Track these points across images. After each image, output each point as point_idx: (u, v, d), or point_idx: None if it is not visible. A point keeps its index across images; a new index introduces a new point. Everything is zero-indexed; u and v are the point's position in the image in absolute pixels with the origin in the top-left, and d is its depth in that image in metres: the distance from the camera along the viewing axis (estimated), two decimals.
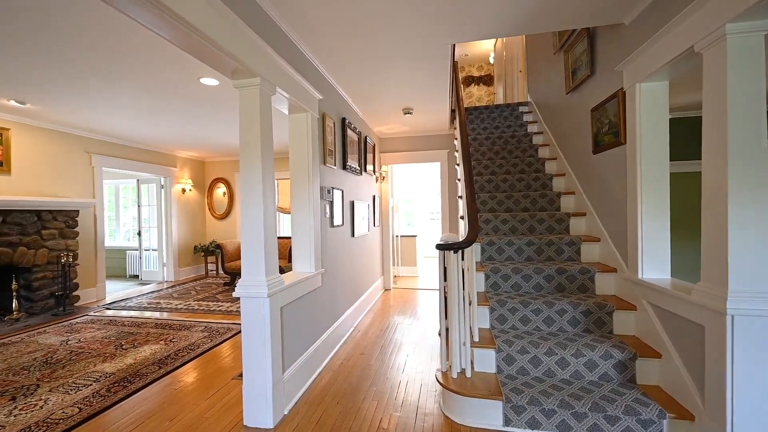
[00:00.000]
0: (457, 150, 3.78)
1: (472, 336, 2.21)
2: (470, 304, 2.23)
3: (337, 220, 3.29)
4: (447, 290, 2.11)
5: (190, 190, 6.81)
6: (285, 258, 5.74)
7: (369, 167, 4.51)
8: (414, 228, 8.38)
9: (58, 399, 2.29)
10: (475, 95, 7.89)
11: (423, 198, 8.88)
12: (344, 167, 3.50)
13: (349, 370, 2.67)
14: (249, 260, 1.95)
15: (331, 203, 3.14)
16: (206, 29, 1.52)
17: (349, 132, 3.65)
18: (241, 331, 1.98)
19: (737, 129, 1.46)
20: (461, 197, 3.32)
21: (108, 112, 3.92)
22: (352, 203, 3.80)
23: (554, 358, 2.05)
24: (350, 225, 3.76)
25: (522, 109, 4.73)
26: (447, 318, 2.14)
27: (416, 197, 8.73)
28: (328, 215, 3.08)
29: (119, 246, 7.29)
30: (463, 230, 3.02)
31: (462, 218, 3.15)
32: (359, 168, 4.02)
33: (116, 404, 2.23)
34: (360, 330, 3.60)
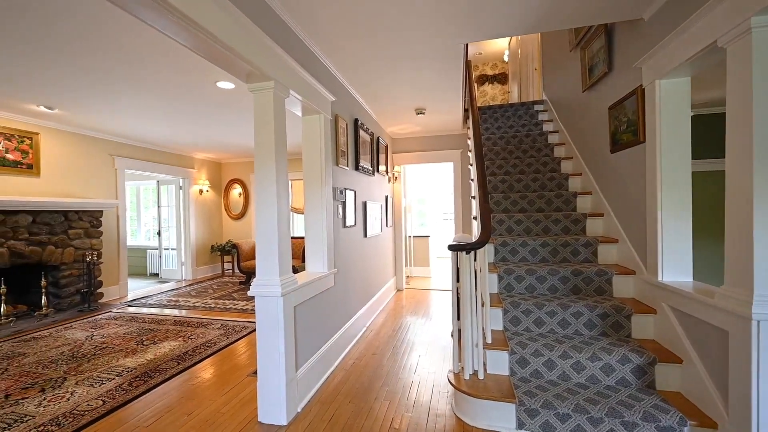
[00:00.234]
0: (470, 150, 3.74)
1: (485, 337, 2.19)
2: (483, 306, 2.21)
3: (350, 221, 3.32)
4: (460, 291, 2.10)
5: (207, 191, 6.98)
6: (299, 258, 5.81)
7: (381, 168, 4.53)
8: (427, 228, 8.34)
9: (84, 392, 2.39)
10: (489, 94, 7.79)
11: (436, 198, 8.83)
12: (357, 168, 3.52)
13: (362, 370, 2.69)
14: (263, 260, 1.99)
15: (344, 204, 3.16)
16: (224, 36, 1.56)
17: (362, 133, 3.67)
18: (256, 330, 2.02)
19: (763, 126, 1.40)
20: (474, 197, 3.29)
21: (131, 116, 4.07)
22: (365, 204, 3.82)
23: (569, 362, 2.01)
24: (363, 225, 3.78)
25: (537, 108, 4.64)
26: (459, 319, 2.13)
27: (429, 197, 8.69)
28: (341, 216, 3.11)
29: (140, 245, 7.53)
30: (477, 231, 2.99)
31: (475, 219, 3.12)
32: (372, 169, 4.04)
33: (137, 398, 2.31)
34: (372, 330, 3.62)
